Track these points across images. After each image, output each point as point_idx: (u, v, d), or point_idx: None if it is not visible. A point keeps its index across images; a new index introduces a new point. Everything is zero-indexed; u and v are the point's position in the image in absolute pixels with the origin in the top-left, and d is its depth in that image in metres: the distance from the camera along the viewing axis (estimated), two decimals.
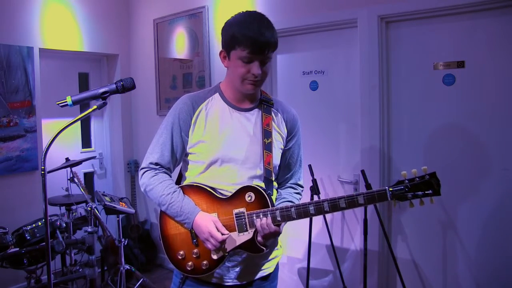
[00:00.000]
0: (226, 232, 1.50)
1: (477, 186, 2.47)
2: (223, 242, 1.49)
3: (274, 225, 1.48)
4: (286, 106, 1.70)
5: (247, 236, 1.51)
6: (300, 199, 1.71)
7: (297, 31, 3.07)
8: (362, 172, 2.60)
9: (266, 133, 1.59)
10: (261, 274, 1.63)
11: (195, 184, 1.60)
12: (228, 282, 1.59)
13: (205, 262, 1.55)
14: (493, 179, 2.41)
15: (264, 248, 1.51)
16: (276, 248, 1.70)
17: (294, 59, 3.18)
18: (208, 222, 1.49)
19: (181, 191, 1.59)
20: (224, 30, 1.54)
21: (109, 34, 4.21)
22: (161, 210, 1.62)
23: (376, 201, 1.44)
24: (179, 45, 3.90)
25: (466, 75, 2.46)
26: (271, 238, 1.51)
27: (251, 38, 1.44)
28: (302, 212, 1.47)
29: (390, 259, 2.62)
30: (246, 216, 1.51)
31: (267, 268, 1.65)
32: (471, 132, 2.47)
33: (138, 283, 3.33)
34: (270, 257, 1.67)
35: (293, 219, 1.48)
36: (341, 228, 3.02)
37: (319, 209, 1.46)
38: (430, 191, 1.42)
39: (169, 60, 4.00)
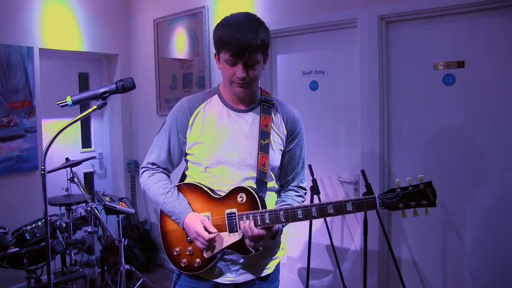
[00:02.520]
0: (214, 230, 1.51)
1: (477, 186, 2.47)
2: (212, 240, 1.50)
3: (262, 228, 1.47)
4: (287, 107, 1.69)
5: (236, 237, 1.52)
6: (302, 202, 1.69)
7: (297, 31, 3.07)
8: (362, 172, 2.60)
9: (263, 134, 1.58)
10: (258, 274, 1.62)
11: (192, 183, 1.62)
12: (225, 280, 1.59)
13: (197, 260, 1.57)
14: (493, 179, 2.41)
15: (252, 251, 1.50)
16: (277, 249, 1.69)
17: (294, 59, 3.18)
18: (196, 222, 1.52)
19: (176, 191, 1.62)
20: (213, 32, 1.55)
21: (109, 34, 4.21)
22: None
23: (365, 209, 1.39)
24: (179, 45, 3.90)
25: (466, 75, 2.46)
26: (259, 241, 1.49)
27: (231, 40, 1.43)
28: (290, 215, 1.46)
29: (390, 259, 2.62)
30: (237, 217, 1.51)
31: (266, 269, 1.65)
32: (471, 132, 2.47)
33: (138, 283, 3.33)
34: (270, 257, 1.66)
35: (282, 222, 1.47)
36: (341, 228, 3.02)
37: (307, 214, 1.45)
38: (424, 202, 1.33)
39: (169, 60, 4.00)
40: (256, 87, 1.62)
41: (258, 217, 1.47)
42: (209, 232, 1.50)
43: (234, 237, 1.52)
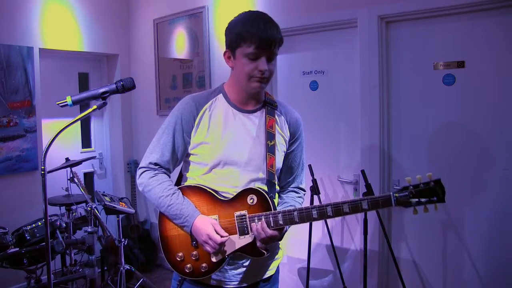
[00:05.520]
0: (225, 234, 1.48)
1: (477, 186, 2.47)
2: (222, 244, 1.47)
3: (274, 229, 1.45)
4: (290, 109, 1.69)
5: (247, 239, 1.49)
6: (302, 203, 1.69)
7: (297, 31, 3.07)
8: (362, 172, 2.60)
9: (270, 135, 1.57)
10: (262, 276, 1.61)
11: (196, 185, 1.57)
12: (228, 284, 1.57)
13: (204, 265, 1.52)
14: (493, 179, 2.41)
15: (264, 252, 1.48)
16: (278, 249, 1.68)
17: (294, 59, 3.18)
18: (207, 225, 1.48)
19: (180, 193, 1.57)
20: (228, 29, 1.53)
21: (109, 34, 4.21)
22: (160, 211, 1.60)
23: (380, 206, 1.40)
24: (179, 45, 3.90)
25: (466, 75, 2.46)
26: (270, 243, 1.48)
27: (257, 33, 1.44)
28: (304, 216, 1.44)
29: (390, 259, 2.62)
30: (248, 219, 1.49)
31: (268, 271, 1.63)
32: (471, 132, 2.47)
33: (138, 283, 3.33)
34: (273, 258, 1.65)
35: (296, 223, 1.45)
36: (341, 228, 3.02)
37: (322, 214, 1.43)
38: (434, 198, 1.39)
39: (169, 60, 4.00)
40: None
41: (271, 218, 1.45)
42: (221, 236, 1.47)
43: (246, 240, 1.49)
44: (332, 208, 1.42)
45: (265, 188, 1.55)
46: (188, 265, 1.55)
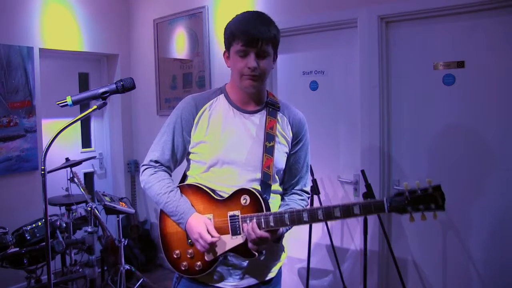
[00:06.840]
0: (216, 235, 1.48)
1: (477, 186, 2.47)
2: (213, 244, 1.47)
3: (266, 231, 1.44)
4: (293, 109, 1.68)
5: (239, 240, 1.48)
6: (306, 205, 1.67)
7: (297, 31, 3.07)
8: (362, 172, 2.60)
9: (269, 137, 1.56)
10: (263, 278, 1.60)
11: (194, 184, 1.59)
12: (227, 285, 1.56)
13: (198, 263, 1.53)
14: (494, 179, 2.41)
15: (256, 254, 1.47)
16: (281, 252, 1.67)
17: (294, 59, 3.18)
18: (200, 224, 1.48)
19: (179, 190, 1.59)
20: (225, 29, 1.56)
21: (109, 34, 4.21)
22: (160, 208, 1.63)
23: (372, 212, 1.36)
24: (179, 45, 3.90)
25: (466, 75, 2.46)
26: (262, 244, 1.46)
27: (245, 30, 1.46)
28: (295, 218, 1.43)
29: (390, 259, 2.62)
30: (240, 219, 1.49)
31: (270, 273, 1.62)
32: (471, 132, 2.47)
33: (138, 283, 3.33)
34: (275, 261, 1.64)
35: (287, 225, 1.45)
36: (341, 228, 3.02)
37: (313, 217, 1.41)
38: (433, 206, 1.32)
39: (169, 60, 4.00)
40: (264, 88, 1.61)
41: (263, 220, 1.45)
42: (212, 236, 1.47)
43: (237, 240, 1.49)
44: (323, 212, 1.40)
45: (259, 188, 1.54)
46: (184, 263, 1.56)
